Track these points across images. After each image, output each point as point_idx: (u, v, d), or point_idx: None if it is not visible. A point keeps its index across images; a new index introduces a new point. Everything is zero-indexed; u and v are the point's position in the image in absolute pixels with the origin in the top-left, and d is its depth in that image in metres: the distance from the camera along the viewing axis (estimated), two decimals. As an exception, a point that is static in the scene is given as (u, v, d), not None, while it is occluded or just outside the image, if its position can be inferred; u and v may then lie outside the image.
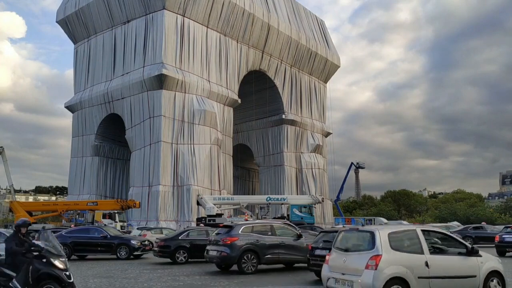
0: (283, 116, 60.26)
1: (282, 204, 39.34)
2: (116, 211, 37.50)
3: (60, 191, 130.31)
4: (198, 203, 38.15)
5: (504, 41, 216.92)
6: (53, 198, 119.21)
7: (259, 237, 14.34)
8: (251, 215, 36.99)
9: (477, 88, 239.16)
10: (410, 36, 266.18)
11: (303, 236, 15.30)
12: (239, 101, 52.60)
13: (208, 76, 48.72)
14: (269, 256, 14.26)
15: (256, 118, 62.89)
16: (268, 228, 14.99)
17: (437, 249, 8.70)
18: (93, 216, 36.90)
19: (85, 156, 52.58)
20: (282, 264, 15.52)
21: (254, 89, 59.49)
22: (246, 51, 54.65)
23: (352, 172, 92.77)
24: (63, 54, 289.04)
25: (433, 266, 8.20)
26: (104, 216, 36.25)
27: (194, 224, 36.79)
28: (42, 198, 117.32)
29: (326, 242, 12.48)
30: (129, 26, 48.60)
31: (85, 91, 52.70)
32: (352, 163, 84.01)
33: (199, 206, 38.24)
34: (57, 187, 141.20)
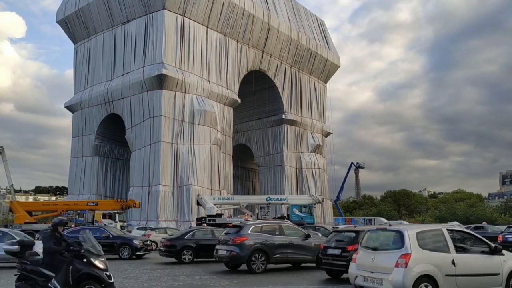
0: (283, 116, 60.27)
1: (282, 204, 39.33)
2: (116, 211, 37.46)
3: (60, 191, 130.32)
4: (198, 203, 38.16)
5: (504, 41, 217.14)
6: (53, 198, 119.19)
7: (268, 237, 14.46)
8: (251, 215, 36.95)
9: (477, 88, 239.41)
10: (410, 36, 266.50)
11: (311, 236, 15.50)
12: (239, 101, 52.60)
13: (208, 76, 48.72)
14: (278, 255, 14.40)
15: (256, 118, 62.89)
16: (276, 228, 15.15)
17: (460, 248, 8.97)
18: (93, 216, 36.84)
19: (85, 156, 52.59)
20: (290, 264, 15.63)
21: (254, 89, 59.49)
22: (246, 51, 54.65)
23: (352, 172, 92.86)
24: (63, 54, 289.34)
25: (459, 264, 8.47)
26: (104, 216, 36.20)
27: (194, 224, 36.78)
28: (42, 198, 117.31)
29: (338, 241, 12.70)
30: (129, 26, 48.61)
31: (85, 91, 52.70)
32: (352, 163, 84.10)
33: (199, 206, 38.24)
34: (57, 187, 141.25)
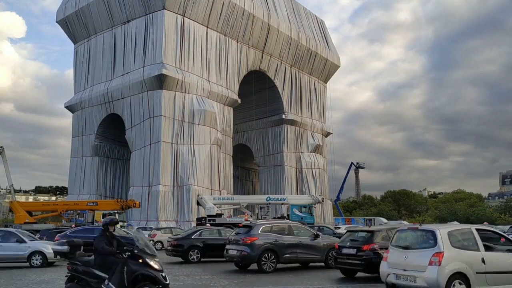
0: (283, 116, 60.28)
1: (282, 204, 39.31)
2: (116, 211, 37.42)
3: (60, 191, 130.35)
4: (198, 203, 38.13)
5: (504, 41, 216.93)
6: (53, 198, 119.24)
7: (277, 237, 14.62)
8: (251, 215, 36.93)
9: (477, 88, 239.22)
10: (410, 36, 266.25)
11: (320, 236, 15.73)
12: (239, 101, 52.62)
13: (208, 76, 48.74)
14: (288, 255, 14.57)
15: (256, 118, 62.91)
16: (286, 228, 15.38)
17: (487, 246, 9.26)
18: (93, 216, 36.82)
19: (85, 156, 52.60)
20: (299, 264, 15.77)
21: (254, 89, 59.51)
22: (246, 51, 54.66)
23: (352, 172, 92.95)
24: (63, 54, 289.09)
25: (488, 262, 8.81)
26: (104, 216, 36.04)
27: (194, 224, 36.78)
28: (42, 198, 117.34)
29: (353, 241, 12.97)
30: (129, 26, 48.62)
31: (85, 91, 52.71)
32: (352, 163, 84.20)
33: (199, 206, 38.23)
34: (57, 187, 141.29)
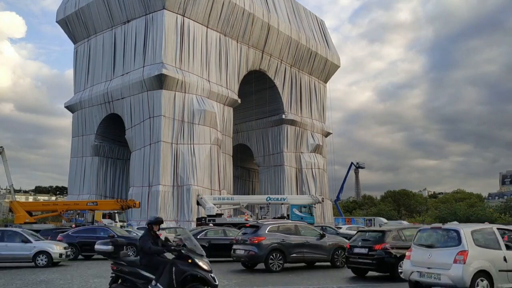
0: (283, 116, 60.25)
1: (282, 204, 39.30)
2: (116, 211, 37.45)
3: (60, 191, 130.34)
4: (198, 203, 38.14)
5: (504, 41, 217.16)
6: (53, 198, 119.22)
7: (285, 237, 14.74)
8: (251, 215, 36.94)
9: (477, 88, 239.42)
10: (410, 36, 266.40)
11: (326, 235, 15.91)
12: (239, 101, 52.60)
13: (208, 76, 48.72)
14: (295, 255, 14.70)
15: (256, 118, 62.87)
16: (292, 227, 15.52)
17: (507, 246, 9.55)
18: (93, 216, 36.82)
19: (85, 156, 52.58)
20: (305, 263, 15.87)
21: (254, 89, 59.48)
22: (246, 51, 54.65)
23: (352, 172, 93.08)
24: (63, 54, 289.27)
25: (510, 260, 9.14)
26: (104, 216, 36.14)
27: (194, 224, 36.79)
28: (42, 198, 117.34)
29: (365, 241, 13.10)
30: (129, 26, 48.60)
31: (85, 91, 52.69)
32: (352, 163, 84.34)
33: (199, 206, 38.23)
34: (57, 187, 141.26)
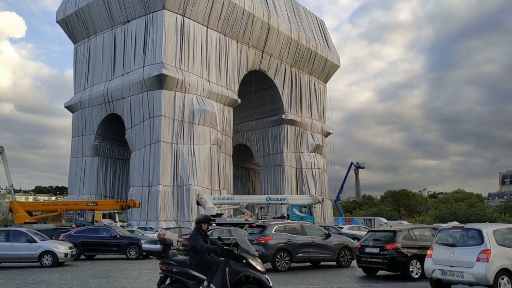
0: (283, 116, 60.26)
1: (282, 204, 39.26)
2: (116, 211, 37.50)
3: (60, 191, 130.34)
4: (198, 203, 38.10)
5: (504, 41, 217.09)
6: (53, 198, 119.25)
7: (291, 237, 14.86)
8: (251, 215, 36.93)
9: (477, 88, 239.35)
10: (410, 36, 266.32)
11: (331, 235, 16.06)
12: (239, 101, 52.60)
13: (208, 76, 48.73)
14: (301, 254, 14.83)
15: (256, 118, 62.88)
16: (298, 227, 15.69)
17: None
18: (93, 216, 36.85)
19: (85, 156, 52.60)
20: (311, 263, 15.98)
21: (254, 89, 59.49)
22: (246, 51, 54.65)
23: (352, 172, 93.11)
24: (63, 54, 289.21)
25: None
26: (104, 216, 36.19)
27: (194, 224, 36.74)
28: (42, 198, 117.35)
29: (376, 240, 13.24)
30: (129, 26, 48.61)
31: (85, 91, 52.71)
32: (352, 163, 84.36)
33: (199, 206, 38.20)
34: (57, 187, 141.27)
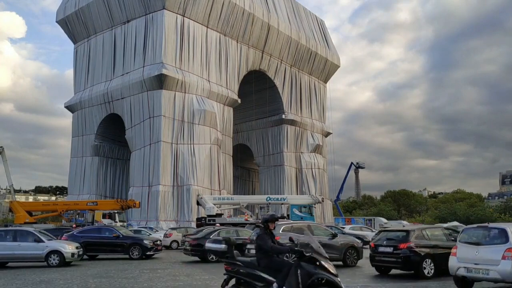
0: (283, 116, 60.28)
1: (282, 204, 39.30)
2: (116, 211, 37.53)
3: (60, 191, 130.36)
4: (198, 203, 38.15)
5: (504, 41, 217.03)
6: (53, 198, 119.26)
7: (298, 237, 14.77)
8: (251, 215, 36.95)
9: (477, 88, 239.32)
10: (410, 36, 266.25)
11: (337, 235, 16.29)
12: (239, 101, 52.62)
13: (208, 76, 48.74)
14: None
15: (256, 118, 62.91)
16: (305, 227, 15.72)
17: None
18: (93, 216, 36.87)
19: (85, 156, 52.61)
20: None
21: (254, 89, 59.52)
22: (246, 51, 54.66)
23: (352, 172, 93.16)
24: (63, 54, 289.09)
25: None
26: (104, 216, 36.22)
27: (193, 224, 36.80)
28: (42, 198, 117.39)
29: (389, 240, 13.34)
30: (129, 26, 48.63)
31: (85, 91, 52.72)
32: (352, 163, 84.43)
33: (199, 206, 38.25)
34: (57, 187, 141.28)
